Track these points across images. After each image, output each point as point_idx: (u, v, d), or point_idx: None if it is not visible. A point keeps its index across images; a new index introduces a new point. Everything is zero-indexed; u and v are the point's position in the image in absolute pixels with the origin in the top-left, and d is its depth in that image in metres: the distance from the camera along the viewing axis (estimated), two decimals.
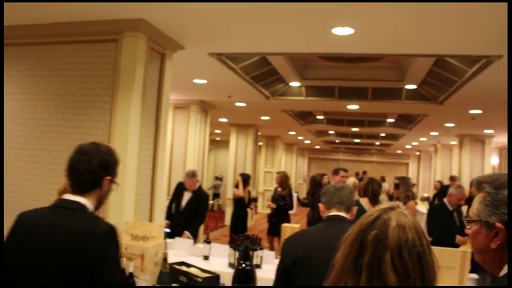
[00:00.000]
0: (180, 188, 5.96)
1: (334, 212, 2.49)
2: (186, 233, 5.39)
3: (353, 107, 9.16)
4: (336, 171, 6.21)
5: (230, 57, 5.67)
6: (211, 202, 13.16)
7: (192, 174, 5.86)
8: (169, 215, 5.87)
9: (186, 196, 5.86)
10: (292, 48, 5.14)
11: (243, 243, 3.62)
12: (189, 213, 5.74)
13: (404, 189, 6.34)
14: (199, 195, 5.92)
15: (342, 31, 4.18)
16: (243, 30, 4.41)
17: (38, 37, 4.59)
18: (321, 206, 2.60)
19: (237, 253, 3.97)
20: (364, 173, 15.39)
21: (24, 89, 4.69)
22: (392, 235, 1.08)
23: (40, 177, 4.47)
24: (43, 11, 4.18)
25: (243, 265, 3.25)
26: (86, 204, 1.86)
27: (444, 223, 5.33)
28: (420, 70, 6.40)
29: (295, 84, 7.97)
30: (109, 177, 1.92)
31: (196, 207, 5.82)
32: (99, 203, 1.94)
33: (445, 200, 5.55)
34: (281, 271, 2.40)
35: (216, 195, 17.37)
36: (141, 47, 4.22)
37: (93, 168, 1.86)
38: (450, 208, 5.42)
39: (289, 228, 4.05)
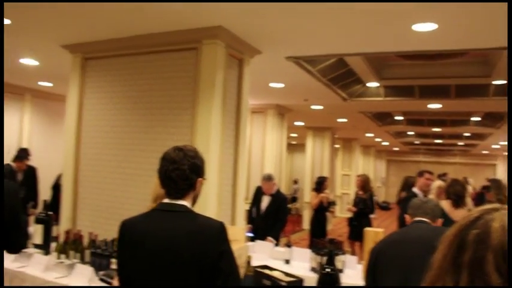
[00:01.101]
0: (258, 192, 6.00)
1: (418, 218, 2.62)
2: (270, 238, 5.40)
3: (435, 106, 8.76)
4: (420, 173, 5.94)
5: (307, 60, 5.64)
6: (289, 206, 13.14)
7: (268, 178, 5.87)
8: (250, 219, 5.92)
9: (265, 200, 5.87)
10: (371, 48, 5.02)
11: (327, 248, 3.59)
12: (269, 217, 5.74)
13: (496, 193, 5.91)
14: (278, 198, 5.92)
15: (424, 27, 4.02)
16: (320, 32, 4.38)
17: (122, 49, 4.88)
18: (407, 217, 2.70)
19: (318, 257, 3.93)
20: (445, 174, 14.66)
21: (112, 99, 4.99)
22: (496, 235, 1.01)
23: (128, 182, 4.71)
24: (126, 25, 4.43)
25: (328, 270, 3.22)
26: (188, 205, 1.95)
27: None
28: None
29: (373, 84, 7.78)
30: (200, 178, 1.99)
31: (276, 210, 5.81)
32: (193, 202, 2.02)
33: None
34: (367, 271, 2.47)
35: (294, 199, 17.31)
36: (219, 53, 4.32)
37: (185, 175, 1.92)
38: None
39: (372, 233, 3.93)
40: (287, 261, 4.21)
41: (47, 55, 5.97)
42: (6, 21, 4.54)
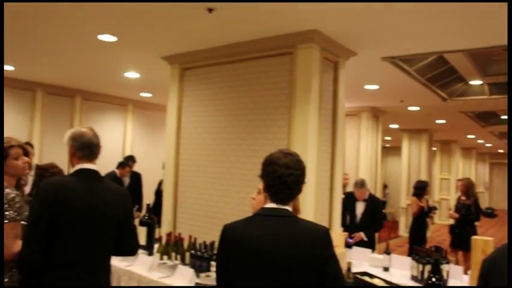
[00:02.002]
0: (351, 199, 5.76)
1: None
2: (361, 234, 5.26)
3: None
4: None
5: (404, 59, 5.42)
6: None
7: (361, 184, 5.65)
8: (344, 227, 5.75)
9: (360, 206, 5.66)
10: (475, 43, 4.68)
11: (433, 256, 3.40)
12: (365, 224, 5.53)
13: None
14: (373, 202, 5.69)
15: None
16: (419, 29, 4.17)
17: (218, 58, 5.02)
18: None
19: (420, 266, 3.75)
20: None
21: (208, 106, 5.15)
22: None
23: (226, 187, 4.82)
24: (221, 34, 4.55)
25: (433, 279, 3.05)
26: (290, 210, 1.95)
27: None
28: None
29: (476, 82, 7.28)
30: (304, 183, 2.00)
31: (371, 216, 5.62)
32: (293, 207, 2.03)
33: None
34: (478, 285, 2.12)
35: (383, 204, 16.74)
36: (315, 57, 4.28)
37: (299, 180, 1.93)
38: None
39: (481, 242, 3.66)
40: (386, 269, 4.08)
41: (148, 67, 6.34)
42: (112, 38, 4.88)
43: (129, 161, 7.73)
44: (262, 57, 4.63)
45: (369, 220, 5.55)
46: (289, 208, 1.94)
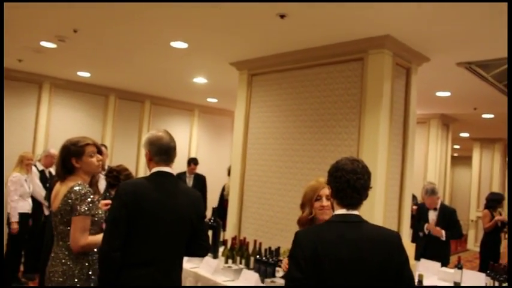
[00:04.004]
0: (422, 209, 5.59)
1: None
2: (441, 231, 5.16)
3: None
4: None
5: (480, 65, 5.16)
6: None
7: (432, 191, 5.42)
8: (415, 239, 5.51)
9: (432, 215, 5.45)
10: None
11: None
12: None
13: None
14: (445, 211, 5.44)
15: None
16: (495, 33, 3.95)
17: (286, 64, 5.04)
18: None
19: (496, 282, 3.56)
20: None
21: (275, 112, 5.17)
22: None
23: (292, 193, 4.80)
24: (290, 40, 4.56)
25: None
26: (360, 215, 2.00)
27: None
28: None
29: None
30: (371, 187, 2.05)
31: (445, 225, 5.33)
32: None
33: None
34: None
35: None
36: (386, 63, 4.19)
37: (367, 185, 2.01)
38: None
39: None
40: (457, 284, 3.89)
41: (216, 73, 6.46)
42: (184, 45, 5.02)
43: (191, 162, 7.93)
44: (332, 63, 4.59)
45: (445, 229, 5.32)
46: (358, 213, 1.99)
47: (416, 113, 4.71)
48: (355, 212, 1.98)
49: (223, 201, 7.57)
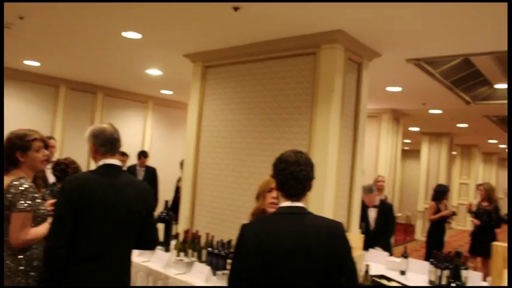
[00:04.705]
0: (362, 206, 5.43)
1: None
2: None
3: None
4: None
5: (429, 61, 5.34)
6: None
7: (370, 189, 5.48)
8: None
9: (371, 213, 5.48)
10: (502, 46, 4.58)
11: (453, 261, 3.35)
12: (380, 230, 5.39)
13: None
14: (384, 208, 5.53)
15: None
16: (446, 31, 4.11)
17: (240, 57, 5.03)
18: None
19: (438, 271, 3.70)
20: None
21: (229, 105, 5.16)
22: None
23: (245, 186, 4.82)
24: (244, 33, 4.55)
25: (453, 285, 3.01)
26: (305, 207, 2.02)
27: None
28: None
29: (501, 86, 7.15)
30: (314, 178, 2.07)
31: (385, 221, 5.47)
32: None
33: None
34: None
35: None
36: (338, 58, 4.25)
37: (310, 176, 2.03)
38: None
39: (501, 248, 3.60)
40: (403, 273, 4.04)
41: (170, 65, 6.38)
42: (137, 36, 4.92)
43: (141, 155, 7.83)
44: (285, 57, 4.62)
45: (384, 226, 5.42)
46: (303, 205, 2.01)
47: (367, 107, 4.81)
48: (300, 204, 2.00)
49: (178, 193, 7.51)
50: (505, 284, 3.19)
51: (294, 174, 1.97)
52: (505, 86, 7.13)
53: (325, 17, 3.87)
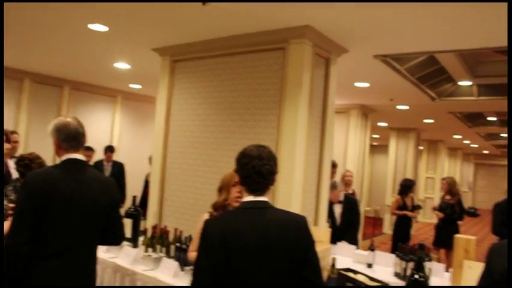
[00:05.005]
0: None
1: None
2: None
3: None
4: None
5: (395, 58, 5.44)
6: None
7: (333, 186, 5.41)
8: None
9: (337, 209, 5.49)
10: (467, 44, 4.71)
11: (416, 253, 3.42)
12: (347, 225, 5.44)
13: None
14: (349, 203, 5.57)
15: None
16: (411, 28, 4.18)
17: (209, 51, 5.00)
18: None
19: (403, 263, 3.79)
20: None
21: (197, 99, 5.13)
22: None
23: (213, 180, 4.77)
24: (212, 27, 4.52)
25: (416, 276, 3.07)
26: (269, 201, 2.02)
27: None
28: None
29: (465, 83, 7.35)
30: (277, 173, 2.08)
31: (350, 216, 5.52)
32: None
33: None
34: (486, 283, 1.93)
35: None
36: (306, 53, 4.27)
37: (273, 170, 2.03)
38: None
39: (463, 240, 3.71)
40: (369, 265, 4.12)
41: (138, 58, 6.29)
42: (103, 28, 4.83)
43: (107, 150, 7.71)
44: (254, 52, 4.61)
45: (349, 221, 5.47)
46: (266, 199, 2.01)
47: (335, 102, 4.86)
48: (263, 198, 2.00)
49: (147, 189, 7.43)
50: (466, 273, 3.29)
51: (256, 168, 1.97)
52: (468, 83, 7.33)
53: (293, 12, 3.88)
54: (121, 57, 6.39)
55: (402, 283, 3.63)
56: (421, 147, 15.04)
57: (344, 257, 4.31)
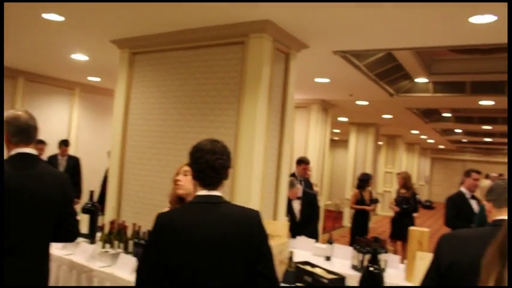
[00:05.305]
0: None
1: (504, 216, 1.96)
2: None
3: (487, 102, 8.40)
4: (467, 173, 5.71)
5: (354, 54, 5.53)
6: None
7: (291, 184, 5.43)
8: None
9: (296, 205, 5.53)
10: (423, 42, 4.84)
11: (372, 246, 3.50)
12: (306, 221, 5.47)
13: None
14: (308, 198, 5.59)
15: (482, 19, 3.83)
16: (370, 26, 4.26)
17: (169, 44, 4.92)
18: (487, 204, 2.14)
19: (360, 255, 3.86)
20: (501, 175, 14.10)
21: (157, 93, 5.05)
22: None
23: (172, 175, 4.73)
24: (172, 20, 4.46)
25: (371, 268, 3.14)
26: (222, 196, 2.02)
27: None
28: None
29: (421, 80, 7.56)
30: (230, 168, 2.08)
31: (310, 211, 5.56)
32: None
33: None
34: (433, 273, 1.98)
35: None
36: (266, 47, 4.28)
37: (226, 164, 2.03)
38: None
39: (417, 232, 3.82)
40: (328, 258, 4.17)
41: (97, 50, 6.13)
42: (59, 18, 4.68)
43: (61, 144, 7.52)
44: (214, 45, 4.57)
45: (309, 216, 5.51)
46: (220, 194, 2.02)
47: (294, 98, 4.89)
48: (216, 193, 2.00)
49: (106, 184, 7.28)
50: (418, 264, 3.39)
51: (209, 163, 1.96)
52: (424, 80, 7.55)
53: (253, 6, 3.87)
54: (78, 48, 6.21)
55: (359, 275, 3.71)
56: (380, 142, 15.38)
57: (303, 250, 4.36)
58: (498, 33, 4.22)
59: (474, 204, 5.48)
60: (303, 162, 6.67)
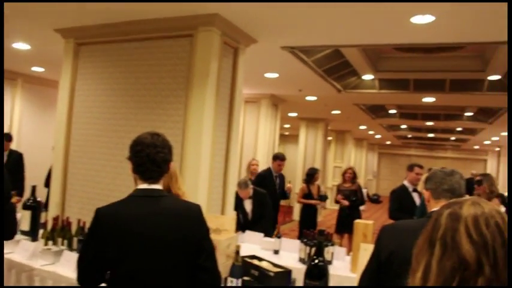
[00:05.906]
0: (238, 199, 5.35)
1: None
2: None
3: (429, 99, 8.77)
4: (410, 168, 5.94)
5: (303, 50, 5.60)
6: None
7: (245, 185, 5.37)
8: (238, 227, 5.27)
9: (247, 204, 5.48)
10: (368, 40, 4.98)
11: (317, 239, 3.57)
12: (258, 219, 5.44)
13: (489, 185, 5.91)
14: (259, 197, 5.54)
15: (422, 19, 3.98)
16: (317, 22, 4.33)
17: (116, 35, 4.80)
18: (425, 193, 2.16)
19: (307, 248, 3.92)
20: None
21: (103, 85, 4.93)
22: (468, 211, 1.08)
23: (118, 169, 4.66)
24: (119, 10, 4.35)
25: (316, 261, 3.21)
26: (162, 189, 2.02)
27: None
28: (506, 59, 5.97)
29: (368, 77, 7.76)
30: (172, 162, 2.07)
31: (261, 209, 5.52)
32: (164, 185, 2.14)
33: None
34: (373, 263, 2.04)
35: None
36: (215, 41, 4.26)
37: (167, 158, 2.01)
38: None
39: (362, 225, 3.94)
40: (276, 252, 4.21)
41: (39, 39, 5.88)
42: None
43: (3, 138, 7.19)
44: (162, 38, 4.51)
45: (261, 214, 5.48)
46: (160, 187, 2.01)
47: (242, 92, 4.91)
48: (157, 186, 1.99)
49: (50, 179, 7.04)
50: (362, 255, 3.49)
51: (150, 156, 1.95)
52: (370, 77, 7.77)
53: None
54: (19, 36, 5.93)
55: (305, 268, 3.77)
56: (329, 138, 15.67)
57: (252, 244, 4.39)
58: (437, 33, 4.41)
59: (416, 197, 5.69)
60: (278, 158, 6.73)
